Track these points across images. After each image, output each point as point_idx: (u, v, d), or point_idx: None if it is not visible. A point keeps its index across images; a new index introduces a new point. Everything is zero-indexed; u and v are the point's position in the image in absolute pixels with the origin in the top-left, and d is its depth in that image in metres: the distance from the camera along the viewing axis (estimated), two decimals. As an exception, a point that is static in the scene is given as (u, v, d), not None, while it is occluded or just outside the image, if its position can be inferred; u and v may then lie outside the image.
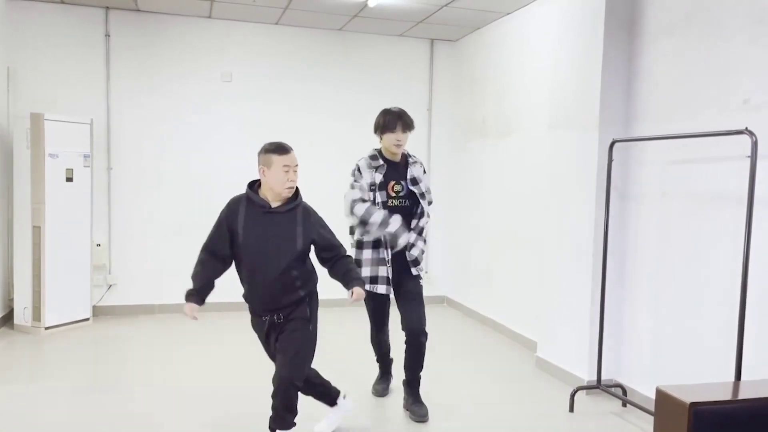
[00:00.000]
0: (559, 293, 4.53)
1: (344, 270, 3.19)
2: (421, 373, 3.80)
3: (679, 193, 3.73)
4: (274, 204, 3.08)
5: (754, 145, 3.01)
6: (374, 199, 3.68)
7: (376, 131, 3.78)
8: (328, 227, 3.22)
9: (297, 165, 3.09)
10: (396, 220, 3.58)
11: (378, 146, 3.82)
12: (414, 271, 3.77)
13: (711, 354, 3.46)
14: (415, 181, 3.78)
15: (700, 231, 3.57)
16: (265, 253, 3.03)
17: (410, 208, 3.76)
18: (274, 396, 3.07)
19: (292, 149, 3.10)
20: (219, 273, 3.12)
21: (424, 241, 3.84)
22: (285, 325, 3.09)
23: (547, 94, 4.79)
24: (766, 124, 3.14)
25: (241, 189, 3.18)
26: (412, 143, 3.95)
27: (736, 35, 3.37)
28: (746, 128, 3.06)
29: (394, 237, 3.59)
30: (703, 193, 3.56)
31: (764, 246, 3.16)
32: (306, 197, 3.19)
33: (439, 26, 6.30)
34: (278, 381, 3.04)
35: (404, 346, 3.76)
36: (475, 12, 5.74)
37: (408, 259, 3.75)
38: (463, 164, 6.70)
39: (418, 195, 3.76)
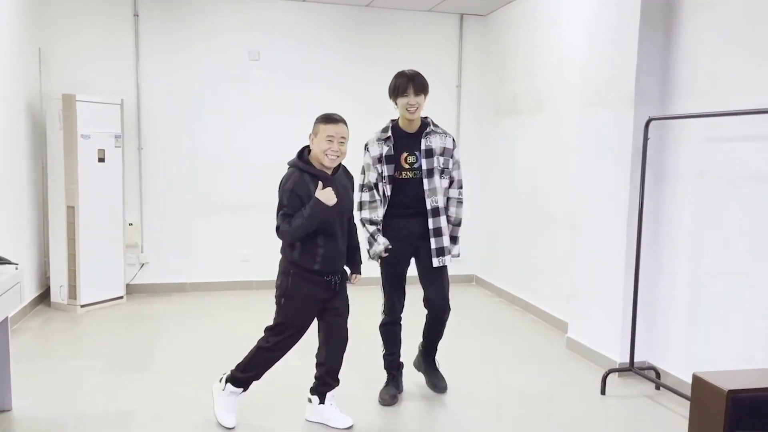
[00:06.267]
0: (591, 273, 4.47)
1: (353, 244, 3.38)
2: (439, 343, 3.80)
3: (718, 173, 3.62)
4: (329, 172, 3.18)
5: (799, 123, 2.90)
6: (382, 172, 3.50)
7: (390, 96, 3.57)
8: None
9: (343, 137, 3.13)
10: (379, 244, 3.45)
11: (395, 117, 3.65)
12: (437, 262, 3.54)
13: (749, 338, 3.38)
14: (430, 153, 3.48)
15: (739, 211, 3.47)
16: (335, 215, 3.15)
17: (422, 181, 3.49)
18: (324, 361, 3.32)
19: (341, 120, 3.15)
20: None
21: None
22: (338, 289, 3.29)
23: (581, 70, 4.67)
24: (812, 100, 3.02)
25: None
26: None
27: (781, 7, 3.23)
28: (791, 105, 2.95)
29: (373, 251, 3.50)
30: (742, 172, 3.45)
31: (807, 228, 3.05)
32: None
33: (469, 0, 6.17)
34: (340, 341, 3.32)
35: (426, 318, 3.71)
36: (506, -14, 5.62)
37: (445, 254, 3.55)
38: (493, 142, 6.61)
39: (426, 170, 3.47)
